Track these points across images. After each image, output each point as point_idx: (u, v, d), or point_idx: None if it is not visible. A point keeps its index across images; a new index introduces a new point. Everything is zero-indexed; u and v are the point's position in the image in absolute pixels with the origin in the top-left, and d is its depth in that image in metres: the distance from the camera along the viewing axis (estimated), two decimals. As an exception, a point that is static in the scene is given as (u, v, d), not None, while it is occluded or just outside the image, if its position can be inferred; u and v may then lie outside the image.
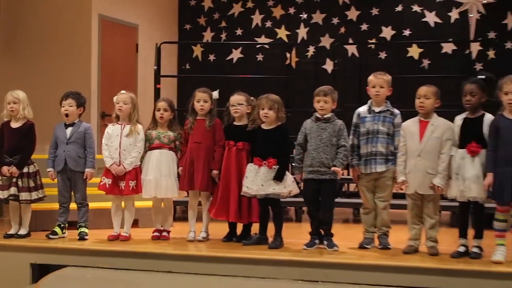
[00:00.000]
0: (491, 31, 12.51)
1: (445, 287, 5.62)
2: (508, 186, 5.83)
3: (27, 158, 6.96)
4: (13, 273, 6.60)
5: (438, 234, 6.38)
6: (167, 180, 6.97)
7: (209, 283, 5.86)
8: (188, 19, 14.16)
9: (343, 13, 13.24)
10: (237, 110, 6.86)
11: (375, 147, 6.53)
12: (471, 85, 6.16)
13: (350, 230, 7.75)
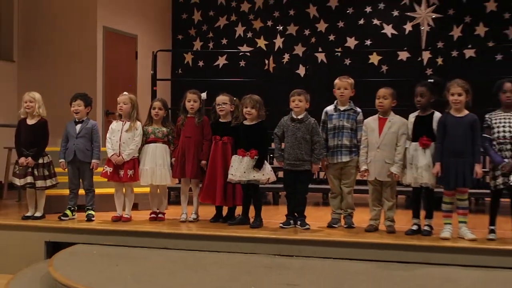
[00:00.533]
0: (440, 41, 12.55)
1: (401, 260, 5.63)
2: (452, 173, 5.87)
3: (41, 151, 6.95)
4: (30, 250, 6.59)
5: (395, 214, 6.41)
6: (161, 170, 6.97)
7: (199, 257, 5.84)
8: (180, 30, 14.12)
9: (314, 25, 13.24)
10: (222, 109, 6.87)
11: (340, 140, 6.54)
12: (421, 87, 6.19)
13: (320, 212, 7.75)
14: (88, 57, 11.39)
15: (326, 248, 5.87)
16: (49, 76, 11.11)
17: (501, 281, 4.98)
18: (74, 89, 7.44)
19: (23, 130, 6.99)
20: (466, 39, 12.41)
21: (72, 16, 11.39)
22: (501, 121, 5.92)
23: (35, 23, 11.56)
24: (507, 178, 5.81)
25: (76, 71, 11.22)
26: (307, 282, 4.92)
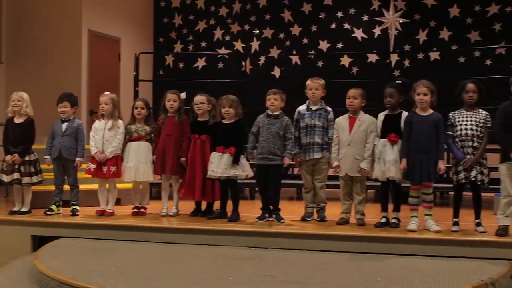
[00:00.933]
0: (406, 44, 12.60)
1: (371, 251, 5.65)
2: (418, 169, 5.90)
3: (28, 148, 6.91)
4: (17, 243, 6.53)
5: (365, 208, 6.42)
6: (144, 167, 6.95)
7: (180, 250, 5.83)
8: (161, 34, 14.07)
9: (288, 29, 13.25)
10: (199, 108, 6.86)
11: (312, 138, 6.54)
12: (391, 88, 6.21)
13: (294, 206, 7.75)
14: (73, 58, 11.35)
15: (300, 240, 5.88)
16: (36, 77, 11.04)
17: (464, 270, 5.01)
18: (60, 89, 7.40)
19: (10, 129, 6.96)
20: (431, 43, 12.48)
21: (58, 20, 11.35)
22: (464, 120, 5.95)
23: (23, 26, 11.49)
24: (469, 173, 5.85)
25: (62, 72, 11.19)
26: (282, 273, 4.91)
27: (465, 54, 12.23)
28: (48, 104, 7.39)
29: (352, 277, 4.80)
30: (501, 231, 5.65)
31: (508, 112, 5.74)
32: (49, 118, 7.24)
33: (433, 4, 12.52)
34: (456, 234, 5.78)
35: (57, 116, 7.09)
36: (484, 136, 5.89)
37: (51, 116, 7.22)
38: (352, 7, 12.94)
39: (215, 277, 4.77)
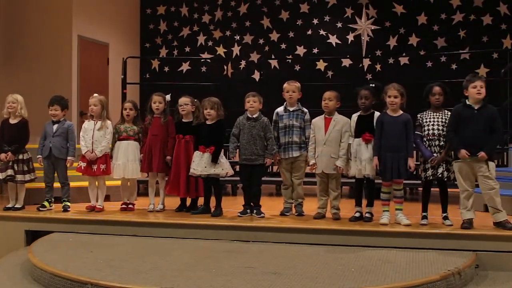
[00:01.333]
0: (378, 50, 12.67)
1: (345, 243, 5.66)
2: (389, 167, 5.93)
3: (21, 147, 6.88)
4: (11, 238, 6.49)
5: (340, 203, 6.43)
6: (132, 164, 6.94)
7: (165, 244, 5.80)
8: (148, 39, 14.02)
9: (267, 35, 13.26)
10: (183, 109, 6.85)
11: (291, 138, 6.55)
12: (365, 91, 6.22)
13: (274, 202, 7.75)
14: (64, 62, 11.30)
15: (279, 234, 5.87)
16: (29, 80, 10.98)
17: (433, 260, 5.03)
18: (52, 91, 7.37)
19: (5, 129, 6.93)
20: (401, 48, 12.56)
21: (50, 26, 11.30)
22: (431, 120, 5.98)
23: (16, 32, 11.41)
24: (436, 170, 5.89)
25: (53, 76, 11.14)
26: (262, 264, 4.90)
27: (432, 59, 12.33)
28: (41, 106, 7.33)
29: (328, 267, 4.81)
30: (466, 224, 5.69)
31: (459, 114, 5.79)
32: (42, 119, 7.19)
33: (403, 12, 12.60)
34: (425, 227, 5.81)
35: (49, 118, 7.04)
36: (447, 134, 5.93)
37: (44, 117, 7.16)
38: (327, 14, 12.99)
39: (198, 269, 4.75)
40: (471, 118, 5.71)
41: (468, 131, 5.70)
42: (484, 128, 5.68)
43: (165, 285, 4.24)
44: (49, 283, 4.74)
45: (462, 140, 5.70)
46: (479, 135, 5.66)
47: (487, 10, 12.23)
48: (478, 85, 5.70)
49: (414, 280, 4.45)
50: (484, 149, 5.62)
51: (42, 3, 11.33)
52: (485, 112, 5.72)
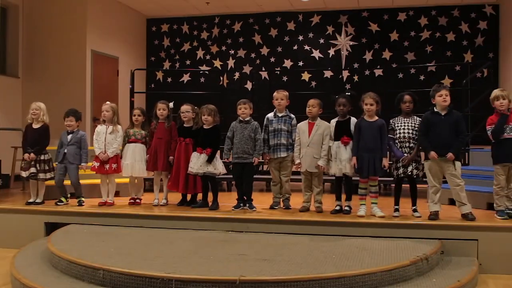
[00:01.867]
0: (356, 63, 12.71)
1: (327, 233, 5.65)
2: (365, 165, 5.92)
3: (42, 149, 6.83)
4: (32, 229, 6.46)
5: (322, 198, 6.41)
6: (139, 164, 6.90)
7: (168, 234, 5.78)
8: (153, 53, 14.01)
9: (258, 50, 13.30)
10: (185, 116, 6.83)
11: (279, 140, 6.52)
12: (343, 99, 6.22)
13: (264, 197, 7.73)
14: (79, 74, 11.32)
15: (269, 225, 5.86)
16: (48, 90, 10.98)
17: (404, 248, 5.04)
18: (68, 100, 7.38)
19: (29, 133, 6.90)
20: (376, 61, 12.61)
21: (67, 41, 11.33)
22: (402, 125, 5.99)
23: (36, 47, 11.43)
24: (406, 169, 5.90)
25: (69, 85, 11.15)
26: (254, 252, 4.89)
27: (403, 71, 12.39)
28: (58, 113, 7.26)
29: (312, 254, 4.80)
30: (432, 215, 5.70)
31: (428, 120, 5.80)
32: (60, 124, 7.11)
33: (377, 30, 12.65)
34: (397, 218, 5.81)
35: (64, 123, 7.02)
36: (418, 138, 5.94)
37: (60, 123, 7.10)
38: (311, 32, 13.03)
39: (197, 256, 4.74)
40: (439, 123, 5.73)
41: (437, 134, 5.71)
42: (451, 132, 5.70)
43: (168, 270, 4.22)
44: (66, 269, 4.73)
45: (432, 142, 5.72)
46: (446, 138, 5.68)
47: (451, 29, 12.32)
48: (444, 94, 5.73)
49: (387, 265, 4.47)
50: (451, 150, 5.64)
51: (60, 21, 11.32)
52: (451, 117, 5.74)
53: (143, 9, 13.35)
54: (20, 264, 5.11)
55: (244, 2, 12.38)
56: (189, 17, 13.70)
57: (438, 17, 12.35)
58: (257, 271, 4.23)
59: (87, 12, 11.28)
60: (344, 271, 4.26)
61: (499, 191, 5.87)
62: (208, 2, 12.38)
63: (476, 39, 12.18)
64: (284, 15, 13.13)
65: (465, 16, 12.24)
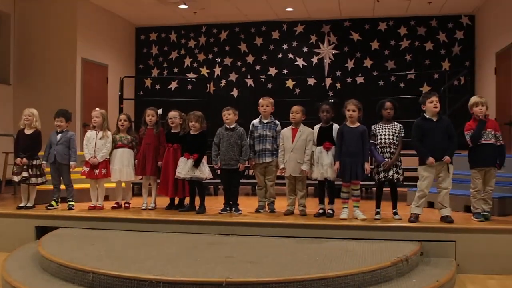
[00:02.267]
0: (338, 71, 12.76)
1: (311, 236, 5.67)
2: (347, 170, 5.94)
3: (34, 154, 6.80)
4: (23, 233, 6.41)
5: (306, 201, 6.42)
6: (127, 169, 6.89)
7: (156, 237, 5.76)
8: (141, 61, 13.96)
9: (244, 58, 13.30)
10: (173, 122, 6.82)
11: (264, 145, 6.52)
12: (326, 106, 6.24)
13: (250, 200, 7.73)
14: (69, 81, 11.24)
15: (254, 228, 5.86)
16: (39, 96, 10.88)
17: (385, 249, 5.06)
18: (58, 106, 7.28)
19: (21, 138, 6.86)
20: (357, 69, 12.67)
21: (57, 49, 11.25)
22: (383, 131, 6.01)
23: (27, 54, 11.34)
24: (387, 173, 5.92)
25: (60, 92, 11.08)
26: (240, 254, 4.89)
27: (383, 79, 12.45)
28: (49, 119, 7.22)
29: (296, 256, 4.81)
30: (412, 218, 5.74)
31: (421, 126, 5.83)
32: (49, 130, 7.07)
33: (359, 39, 12.72)
34: (378, 221, 5.84)
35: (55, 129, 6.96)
36: (399, 143, 5.97)
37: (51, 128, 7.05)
38: (295, 40, 13.07)
39: (185, 259, 4.73)
40: (432, 129, 5.76)
41: (432, 140, 5.74)
42: (444, 137, 5.75)
43: (157, 272, 4.21)
44: (56, 272, 4.70)
45: (428, 148, 5.74)
46: (441, 143, 5.72)
47: (429, 38, 12.42)
48: (434, 100, 5.78)
49: (369, 266, 4.49)
50: (448, 154, 5.69)
51: (51, 29, 11.26)
52: (443, 123, 5.80)
53: (132, 18, 13.32)
54: (11, 267, 5.07)
55: (230, 12, 12.39)
56: (177, 26, 13.68)
57: (417, 27, 12.46)
58: (243, 273, 4.22)
59: (78, 20, 11.23)
60: (327, 272, 4.27)
61: (476, 194, 5.92)
62: (196, 11, 12.37)
63: (453, 48, 12.30)
64: (269, 24, 13.16)
65: (443, 26, 12.35)
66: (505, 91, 9.81)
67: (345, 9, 12.11)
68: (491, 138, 5.86)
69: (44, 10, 11.27)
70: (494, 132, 5.89)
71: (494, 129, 5.90)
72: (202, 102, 11.38)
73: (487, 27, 11.31)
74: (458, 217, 5.89)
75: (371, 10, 12.09)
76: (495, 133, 5.90)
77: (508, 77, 9.67)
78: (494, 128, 5.91)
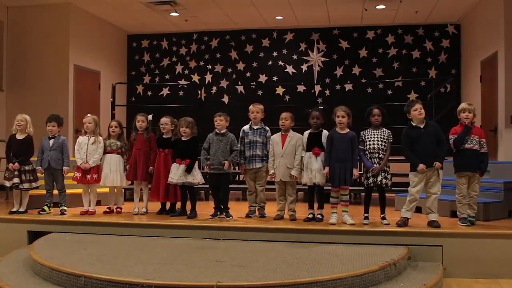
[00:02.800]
0: (327, 78, 12.80)
1: (301, 240, 5.66)
2: (337, 175, 5.95)
3: (27, 159, 6.78)
4: (15, 237, 6.36)
5: (296, 206, 6.43)
6: (114, 174, 6.88)
7: (148, 241, 5.73)
8: (133, 68, 13.94)
9: (235, 65, 13.32)
10: (164, 128, 6.81)
11: (255, 151, 6.52)
12: (317, 112, 6.24)
13: (240, 205, 7.72)
14: (62, 87, 11.20)
15: (244, 233, 5.84)
16: (31, 102, 10.85)
17: (373, 254, 5.07)
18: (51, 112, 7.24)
19: (13, 143, 6.83)
20: (346, 77, 12.72)
21: (50, 56, 11.22)
22: (371, 137, 6.02)
23: (20, 60, 11.32)
24: (376, 178, 5.93)
25: (52, 98, 11.05)
26: (230, 258, 4.88)
27: (371, 86, 12.51)
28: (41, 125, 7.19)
29: (286, 260, 4.81)
30: (400, 222, 5.76)
31: (409, 135, 5.85)
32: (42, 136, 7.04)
33: (347, 47, 12.78)
34: (367, 226, 5.84)
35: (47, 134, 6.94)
36: (387, 149, 5.99)
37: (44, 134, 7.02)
38: (285, 48, 13.11)
39: (176, 263, 4.71)
40: (421, 136, 5.79)
41: (421, 147, 5.76)
42: (432, 143, 5.77)
43: (148, 276, 4.19)
44: (48, 276, 4.67)
45: (418, 155, 5.76)
46: (430, 149, 5.74)
47: (416, 46, 12.51)
48: (418, 108, 5.81)
49: (357, 270, 4.49)
50: (438, 159, 5.72)
51: (43, 36, 11.23)
52: (430, 129, 5.83)
53: (124, 26, 13.30)
54: (3, 271, 5.03)
55: (221, 20, 12.41)
56: (169, 33, 13.68)
57: (404, 36, 12.54)
58: (233, 277, 4.21)
59: (70, 27, 11.20)
60: (316, 276, 4.27)
61: (461, 199, 5.96)
62: (187, 19, 12.38)
63: (440, 56, 12.39)
64: (259, 32, 13.19)
65: (429, 35, 12.44)
66: (490, 98, 9.89)
67: (333, 18, 12.17)
68: (475, 144, 5.91)
69: (37, 17, 11.25)
70: (479, 139, 5.94)
71: (479, 136, 5.95)
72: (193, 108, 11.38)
73: (472, 36, 11.40)
74: (444, 222, 5.91)
75: (359, 19, 12.15)
76: (480, 140, 5.95)
77: (492, 85, 9.74)
78: (479, 135, 5.96)
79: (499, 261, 5.32)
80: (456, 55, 12.31)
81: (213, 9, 11.53)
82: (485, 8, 10.43)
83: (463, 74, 12.14)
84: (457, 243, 5.42)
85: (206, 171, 6.58)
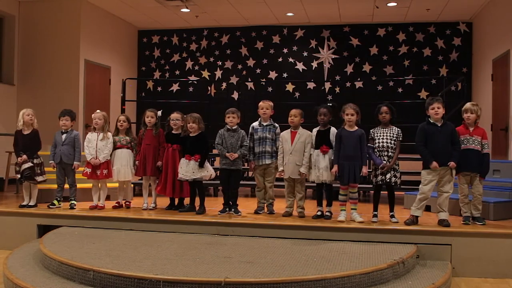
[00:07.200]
0: (337, 75, 12.77)
1: (309, 237, 5.66)
2: (346, 173, 5.93)
3: (34, 153, 6.80)
4: (25, 231, 6.43)
5: (304, 203, 6.42)
6: (125, 169, 6.91)
7: (157, 236, 5.75)
8: (144, 63, 13.98)
9: (245, 61, 13.31)
10: (175, 124, 6.83)
11: (264, 148, 6.53)
12: (324, 109, 6.23)
13: (249, 202, 7.73)
14: (72, 82, 11.26)
15: (253, 229, 5.85)
16: (42, 97, 10.95)
17: (381, 252, 5.06)
18: (61, 107, 7.29)
19: (20, 139, 6.84)
20: (356, 74, 12.68)
21: (61, 50, 11.30)
22: (381, 135, 6.01)
23: (31, 55, 11.39)
24: (385, 176, 5.92)
25: (63, 93, 11.10)
26: (239, 255, 4.88)
27: (382, 84, 12.46)
28: (52, 119, 7.26)
29: (294, 257, 4.81)
30: (409, 220, 5.74)
31: (425, 130, 5.81)
32: (52, 130, 7.11)
33: (358, 44, 12.74)
34: (375, 224, 5.82)
35: (58, 129, 6.96)
36: (396, 147, 5.97)
37: (54, 129, 7.07)
38: (295, 45, 13.09)
39: (185, 258, 4.72)
40: (436, 134, 5.75)
41: (435, 145, 5.73)
42: (447, 142, 5.74)
43: (156, 271, 4.20)
44: (57, 270, 4.69)
45: (432, 152, 5.73)
46: (445, 148, 5.71)
47: (427, 44, 12.45)
48: (436, 107, 5.75)
49: (366, 268, 4.48)
50: (453, 159, 5.68)
51: (54, 31, 11.28)
52: (447, 128, 5.79)
53: (135, 21, 13.33)
54: (13, 264, 5.07)
55: (231, 16, 12.41)
56: (179, 29, 13.70)
57: (415, 33, 12.48)
58: (241, 273, 4.22)
59: (81, 23, 11.25)
60: (324, 273, 4.26)
61: (463, 199, 5.96)
62: (197, 15, 12.39)
63: (451, 55, 12.32)
64: (270, 29, 13.18)
65: (441, 33, 12.38)
66: (501, 97, 9.83)
67: (344, 15, 12.14)
68: (476, 145, 5.88)
69: (48, 12, 11.31)
70: (481, 140, 5.91)
71: (481, 136, 5.92)
72: (203, 104, 11.40)
73: (484, 34, 11.33)
74: (454, 221, 5.88)
75: (370, 16, 12.11)
76: (482, 141, 5.91)
77: (504, 84, 9.68)
78: (481, 136, 5.93)
79: (508, 261, 5.29)
80: (468, 54, 12.24)
81: (224, 6, 11.54)
82: (497, 7, 10.36)
83: (474, 72, 12.07)
84: (466, 242, 5.40)
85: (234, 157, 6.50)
